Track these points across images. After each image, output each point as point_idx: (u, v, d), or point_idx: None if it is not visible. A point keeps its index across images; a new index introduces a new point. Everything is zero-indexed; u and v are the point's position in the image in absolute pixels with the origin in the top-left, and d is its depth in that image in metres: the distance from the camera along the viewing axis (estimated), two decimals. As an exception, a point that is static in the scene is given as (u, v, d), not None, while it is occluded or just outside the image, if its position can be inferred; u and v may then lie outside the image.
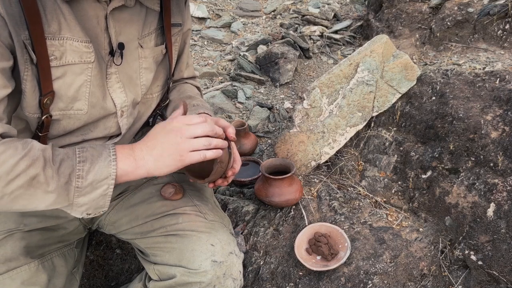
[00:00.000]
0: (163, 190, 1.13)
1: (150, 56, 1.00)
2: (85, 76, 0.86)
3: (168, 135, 0.85)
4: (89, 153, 0.80)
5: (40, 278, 0.98)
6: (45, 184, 0.75)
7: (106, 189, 0.81)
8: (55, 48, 0.79)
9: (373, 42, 1.51)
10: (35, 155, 0.75)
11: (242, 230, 1.42)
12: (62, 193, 0.77)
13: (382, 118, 1.55)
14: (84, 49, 0.84)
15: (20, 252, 0.97)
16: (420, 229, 1.27)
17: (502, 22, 1.72)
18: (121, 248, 1.51)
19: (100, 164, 0.80)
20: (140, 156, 0.84)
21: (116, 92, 0.94)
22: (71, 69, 0.83)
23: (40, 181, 0.75)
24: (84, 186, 0.78)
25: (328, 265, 1.16)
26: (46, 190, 0.76)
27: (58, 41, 0.80)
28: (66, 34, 0.80)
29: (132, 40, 0.94)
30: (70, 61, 0.82)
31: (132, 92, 0.98)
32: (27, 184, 0.74)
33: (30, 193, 0.75)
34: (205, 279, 0.97)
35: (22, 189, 0.74)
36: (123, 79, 0.95)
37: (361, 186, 1.47)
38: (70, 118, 0.89)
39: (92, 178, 0.79)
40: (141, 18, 0.95)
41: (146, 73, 1.00)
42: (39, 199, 0.76)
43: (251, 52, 2.85)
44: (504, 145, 1.20)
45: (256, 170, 1.64)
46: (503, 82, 1.32)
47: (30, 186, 0.74)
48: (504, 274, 1.08)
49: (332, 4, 3.44)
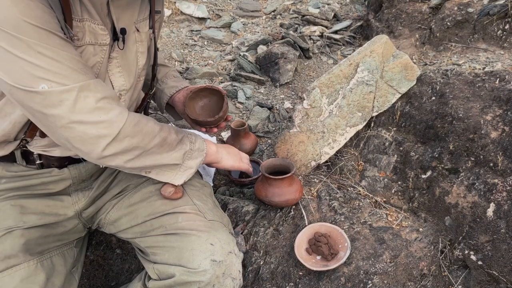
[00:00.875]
0: (163, 189, 1.13)
1: (145, 40, 1.06)
2: (99, 58, 0.92)
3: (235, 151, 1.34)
4: (188, 132, 1.13)
5: (39, 277, 0.98)
6: (170, 146, 1.03)
7: (201, 160, 1.13)
8: (79, 29, 0.86)
9: (373, 42, 1.51)
10: (159, 123, 1.01)
11: (242, 230, 1.42)
12: (179, 152, 1.06)
13: (382, 118, 1.55)
14: (100, 32, 0.90)
15: (19, 249, 0.97)
16: (420, 229, 1.27)
17: (502, 22, 1.72)
18: (121, 248, 1.51)
19: (199, 141, 1.14)
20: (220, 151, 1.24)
21: (115, 76, 0.99)
22: (87, 50, 0.89)
23: (168, 142, 1.02)
24: (194, 149, 1.10)
25: (328, 265, 1.16)
26: (170, 150, 1.03)
27: (81, 23, 0.86)
28: (85, 16, 0.86)
29: (130, 25, 0.99)
30: (87, 41, 0.89)
31: (131, 76, 1.04)
32: (160, 144, 0.99)
33: (160, 151, 1.01)
34: (204, 279, 0.97)
35: (156, 147, 0.98)
36: (122, 64, 1.00)
37: (361, 186, 1.47)
38: None
39: (198, 146, 1.11)
40: (137, 4, 1.00)
41: (142, 57, 1.07)
42: (165, 156, 1.02)
43: (251, 52, 2.85)
44: (504, 145, 1.20)
45: (256, 170, 1.64)
46: (503, 82, 1.32)
47: (162, 146, 1.00)
48: (504, 274, 1.08)
49: (332, 4, 3.44)
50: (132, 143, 0.92)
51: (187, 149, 1.07)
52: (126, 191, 1.17)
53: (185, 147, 1.07)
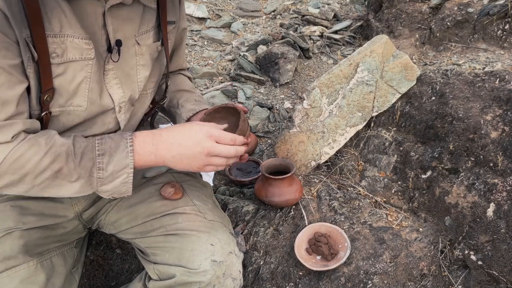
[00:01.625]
0: (163, 189, 1.13)
1: (147, 53, 1.01)
2: (85, 73, 0.88)
3: (195, 147, 0.90)
4: (107, 145, 0.87)
5: (39, 278, 0.98)
6: (69, 176, 0.84)
7: (126, 177, 0.88)
8: (56, 45, 0.81)
9: (373, 42, 1.51)
10: (57, 151, 0.82)
11: (242, 230, 1.42)
12: (86, 183, 0.86)
13: (382, 118, 1.55)
14: (84, 46, 0.85)
15: (18, 250, 0.97)
16: (420, 229, 1.27)
17: (502, 22, 1.72)
18: (121, 248, 1.51)
19: (118, 156, 0.87)
20: (161, 155, 0.90)
21: (113, 88, 0.96)
22: (71, 66, 0.85)
23: (64, 173, 0.83)
24: (105, 177, 0.87)
25: (328, 265, 1.16)
26: (70, 181, 0.84)
27: (59, 39, 0.81)
28: (67, 32, 0.82)
29: (129, 37, 0.95)
30: (71, 58, 0.84)
31: (129, 88, 1.00)
32: (53, 177, 0.83)
33: (56, 183, 0.84)
34: (205, 279, 0.97)
35: (48, 180, 0.83)
36: (120, 76, 0.96)
37: (361, 186, 1.47)
38: (70, 115, 0.90)
39: (112, 169, 0.86)
40: (138, 16, 0.96)
41: (143, 70, 1.02)
42: (65, 188, 0.85)
43: (251, 52, 2.85)
44: (504, 145, 1.20)
45: (256, 170, 1.64)
46: (503, 82, 1.32)
47: (56, 178, 0.83)
48: (504, 274, 1.08)
49: (332, 4, 3.44)
50: (14, 179, 0.81)
51: (93, 178, 0.86)
52: (126, 192, 1.17)
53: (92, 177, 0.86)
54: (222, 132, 0.93)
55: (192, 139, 0.90)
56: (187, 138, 0.90)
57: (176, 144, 0.90)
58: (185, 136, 0.90)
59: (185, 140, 0.90)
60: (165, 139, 0.90)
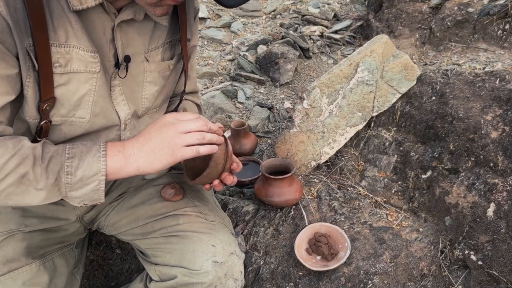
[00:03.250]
0: (164, 191, 1.13)
1: (155, 71, 0.98)
2: (89, 85, 0.85)
3: (160, 130, 0.83)
4: (78, 149, 0.81)
5: (42, 279, 0.98)
6: (35, 182, 0.77)
7: (98, 184, 0.81)
8: (60, 55, 0.79)
9: (373, 42, 1.51)
10: (24, 154, 0.76)
11: (242, 230, 1.42)
12: (53, 189, 0.79)
13: (382, 118, 1.55)
14: (90, 59, 0.83)
15: (21, 253, 0.97)
16: (420, 229, 1.27)
17: (502, 22, 1.72)
18: (121, 248, 1.51)
19: (89, 160, 0.80)
20: (130, 152, 0.83)
21: (120, 105, 0.93)
22: (76, 77, 0.83)
23: (29, 179, 0.77)
24: (74, 182, 0.79)
25: (328, 265, 1.16)
26: (36, 188, 0.78)
27: (64, 49, 0.79)
28: (73, 42, 0.79)
29: (138, 53, 0.92)
30: (75, 69, 0.82)
31: (134, 104, 0.97)
32: (17, 182, 0.76)
33: (21, 190, 0.77)
34: (207, 280, 0.97)
35: (13, 186, 0.76)
36: (126, 92, 0.94)
37: (361, 186, 1.47)
38: (72, 125, 0.88)
39: (81, 175, 0.79)
40: (149, 32, 0.93)
41: (150, 86, 0.98)
42: (30, 195, 0.78)
43: (251, 52, 2.85)
44: (504, 145, 1.20)
45: (256, 170, 1.64)
46: (503, 82, 1.32)
47: (21, 184, 0.77)
48: (504, 274, 1.08)
49: (332, 4, 3.43)
50: None
51: (61, 182, 0.79)
52: (126, 193, 1.17)
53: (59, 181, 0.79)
54: (184, 112, 0.89)
55: (157, 125, 0.85)
56: (151, 127, 0.85)
57: (143, 138, 0.84)
58: (149, 129, 0.85)
59: (151, 130, 0.85)
60: (134, 140, 0.85)
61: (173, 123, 0.84)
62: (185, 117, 0.86)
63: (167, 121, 0.85)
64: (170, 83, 1.06)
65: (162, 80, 1.01)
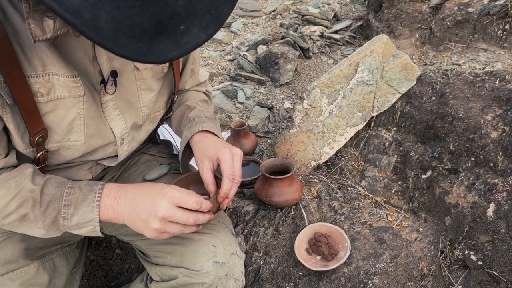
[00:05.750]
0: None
1: (148, 77, 0.97)
2: (77, 109, 0.85)
3: (153, 203, 0.83)
4: (74, 196, 0.84)
5: (41, 279, 0.98)
6: (35, 221, 0.83)
7: (93, 228, 0.85)
8: (40, 85, 0.78)
9: (373, 42, 1.51)
10: (24, 197, 0.81)
11: (242, 230, 1.42)
12: (52, 229, 0.85)
13: (382, 118, 1.55)
14: (71, 84, 0.81)
15: (19, 254, 0.97)
16: (420, 229, 1.27)
17: (502, 22, 1.72)
18: (121, 248, 1.51)
19: (84, 209, 0.84)
20: (120, 210, 0.85)
21: (114, 121, 0.93)
22: (62, 102, 0.82)
23: (30, 219, 0.83)
24: (70, 226, 0.85)
25: (328, 265, 1.16)
26: (37, 226, 0.84)
27: (43, 78, 0.78)
28: (52, 70, 0.78)
29: (127, 63, 0.90)
30: (59, 96, 0.81)
31: (132, 116, 0.97)
32: (19, 220, 0.83)
33: (24, 225, 0.84)
34: (207, 280, 0.97)
35: (16, 222, 0.83)
36: (121, 105, 0.93)
37: (361, 186, 1.47)
38: (69, 149, 0.89)
39: (77, 221, 0.84)
40: None
41: (146, 94, 0.98)
42: (33, 230, 0.85)
43: (251, 52, 2.85)
44: (504, 145, 1.20)
45: (256, 170, 1.64)
46: (503, 82, 1.32)
47: (23, 221, 0.83)
48: (504, 274, 1.08)
49: (332, 4, 3.43)
50: None
51: (59, 224, 0.84)
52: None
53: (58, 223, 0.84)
54: (186, 194, 0.85)
55: (150, 200, 0.83)
56: (145, 199, 0.84)
57: (135, 202, 0.84)
58: (144, 197, 0.84)
59: (143, 200, 0.84)
60: (127, 194, 0.86)
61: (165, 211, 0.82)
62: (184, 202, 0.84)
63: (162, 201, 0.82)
64: (167, 85, 1.06)
65: (157, 84, 1.00)
